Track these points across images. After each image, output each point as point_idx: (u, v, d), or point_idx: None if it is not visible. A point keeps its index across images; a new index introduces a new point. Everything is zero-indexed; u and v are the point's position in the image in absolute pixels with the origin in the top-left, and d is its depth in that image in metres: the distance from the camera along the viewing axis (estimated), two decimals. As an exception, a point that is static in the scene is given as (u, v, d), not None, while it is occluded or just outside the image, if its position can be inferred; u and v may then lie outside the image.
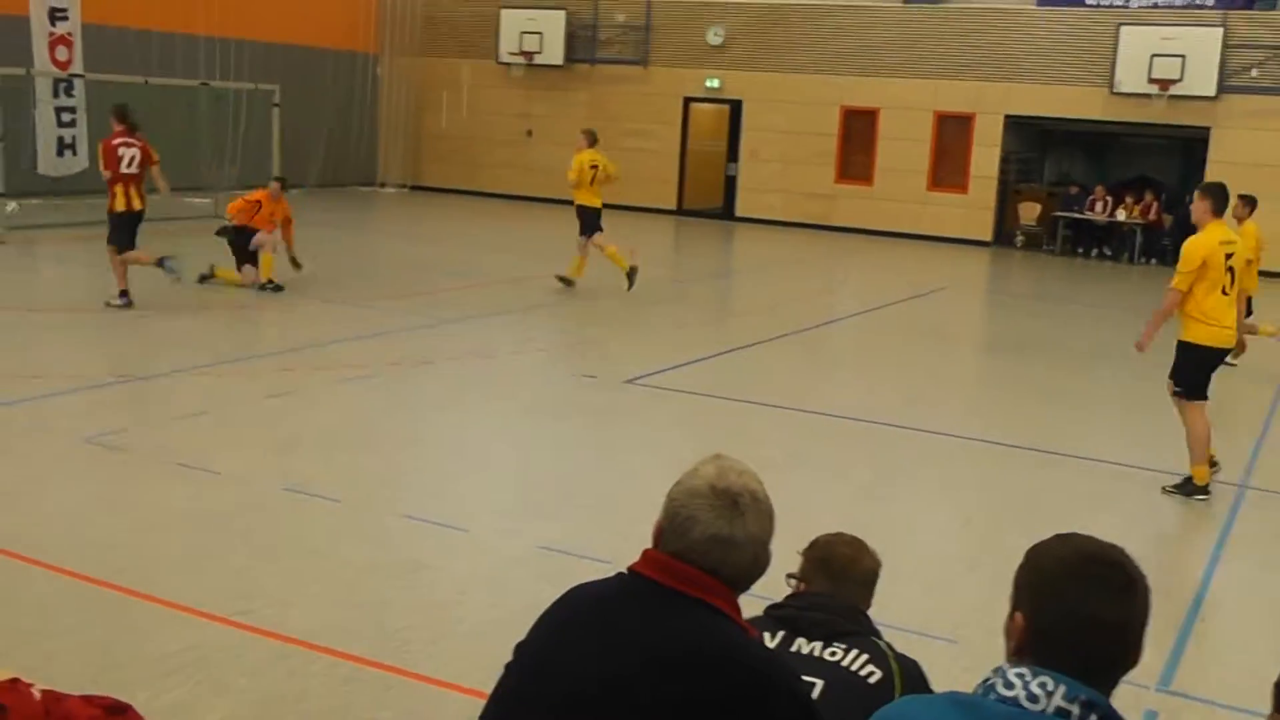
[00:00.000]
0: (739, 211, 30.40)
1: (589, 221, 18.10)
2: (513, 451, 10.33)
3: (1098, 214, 27.62)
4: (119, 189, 15.06)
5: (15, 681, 3.93)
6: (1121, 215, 27.38)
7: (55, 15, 24.77)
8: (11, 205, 20.47)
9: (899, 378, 13.94)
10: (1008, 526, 8.71)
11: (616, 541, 7.37)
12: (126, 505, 8.12)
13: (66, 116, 25.10)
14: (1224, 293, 9.45)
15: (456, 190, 33.16)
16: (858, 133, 29.03)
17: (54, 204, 22.61)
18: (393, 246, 19.30)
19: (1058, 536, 2.49)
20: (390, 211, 29.89)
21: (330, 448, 9.77)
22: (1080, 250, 28.01)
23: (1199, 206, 9.55)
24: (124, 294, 14.95)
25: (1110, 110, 26.66)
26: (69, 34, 25.09)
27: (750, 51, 29.85)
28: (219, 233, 17.33)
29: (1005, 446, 11.02)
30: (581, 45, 31.50)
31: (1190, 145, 27.46)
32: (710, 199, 31.06)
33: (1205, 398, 9.66)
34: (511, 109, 32.74)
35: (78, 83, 24.73)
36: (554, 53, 31.41)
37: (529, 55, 31.59)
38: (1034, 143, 30.05)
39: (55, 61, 24.77)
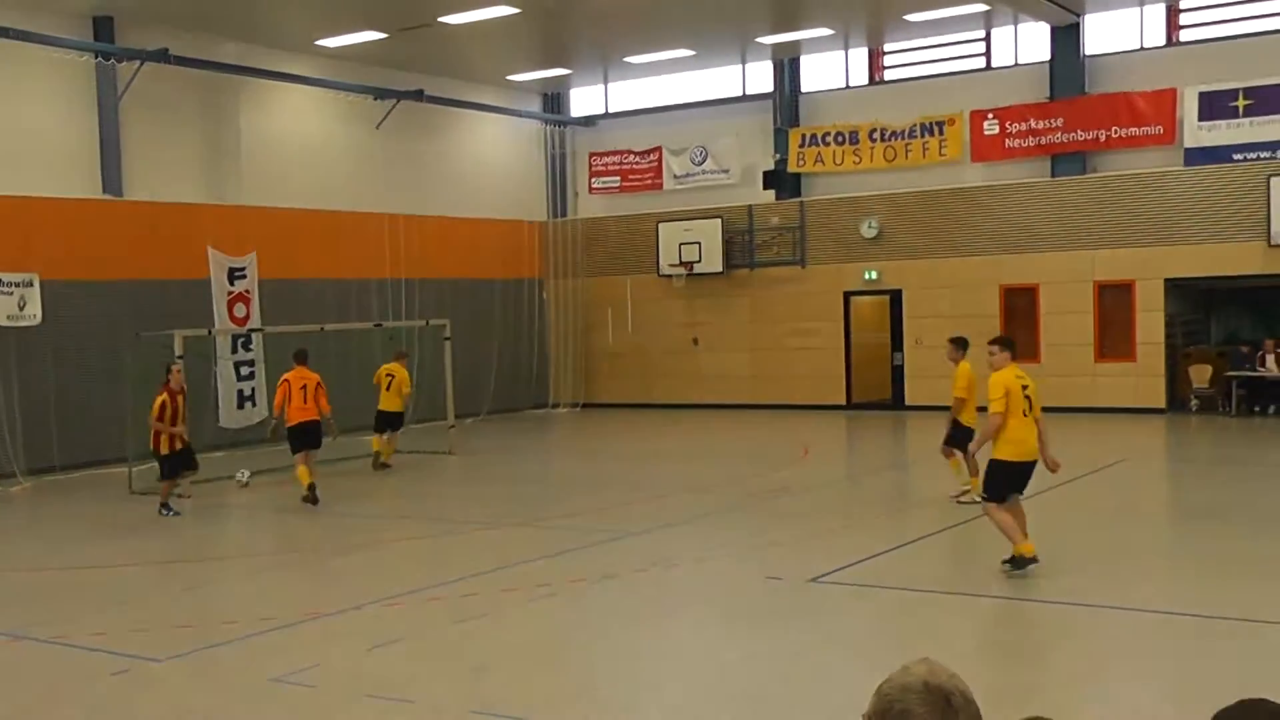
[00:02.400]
0: (909, 400, 30.14)
1: (386, 422, 22.28)
2: (703, 660, 10.28)
3: (1270, 370, 26.86)
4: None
5: None
6: (1293, 368, 26.65)
7: (234, 275, 25.81)
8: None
9: (1086, 556, 13.61)
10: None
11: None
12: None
13: (245, 370, 25.92)
14: (1024, 415, 12.08)
15: (627, 404, 33.53)
16: (1020, 310, 28.76)
17: (236, 455, 23.13)
18: (567, 465, 19.60)
19: (1240, 703, 2.46)
20: (563, 431, 30.31)
21: (519, 668, 9.84)
22: (1257, 409, 27.14)
23: (1000, 355, 12.34)
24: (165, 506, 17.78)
25: (1271, 263, 25.95)
26: (247, 291, 26.05)
27: (904, 240, 30.00)
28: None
29: (1204, 618, 10.67)
30: (739, 251, 32.01)
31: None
32: (879, 390, 30.95)
33: (1003, 501, 12.20)
34: (676, 319, 33.23)
35: (255, 336, 25.54)
36: (713, 260, 31.91)
37: (689, 265, 32.14)
38: (1198, 303, 29.46)
39: (234, 318, 25.66)
